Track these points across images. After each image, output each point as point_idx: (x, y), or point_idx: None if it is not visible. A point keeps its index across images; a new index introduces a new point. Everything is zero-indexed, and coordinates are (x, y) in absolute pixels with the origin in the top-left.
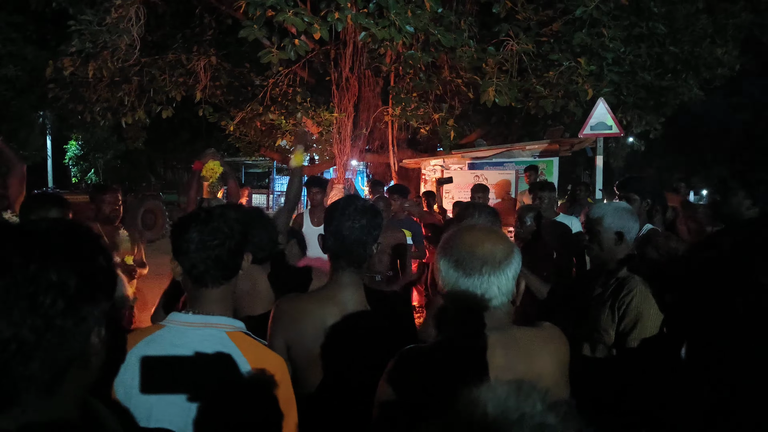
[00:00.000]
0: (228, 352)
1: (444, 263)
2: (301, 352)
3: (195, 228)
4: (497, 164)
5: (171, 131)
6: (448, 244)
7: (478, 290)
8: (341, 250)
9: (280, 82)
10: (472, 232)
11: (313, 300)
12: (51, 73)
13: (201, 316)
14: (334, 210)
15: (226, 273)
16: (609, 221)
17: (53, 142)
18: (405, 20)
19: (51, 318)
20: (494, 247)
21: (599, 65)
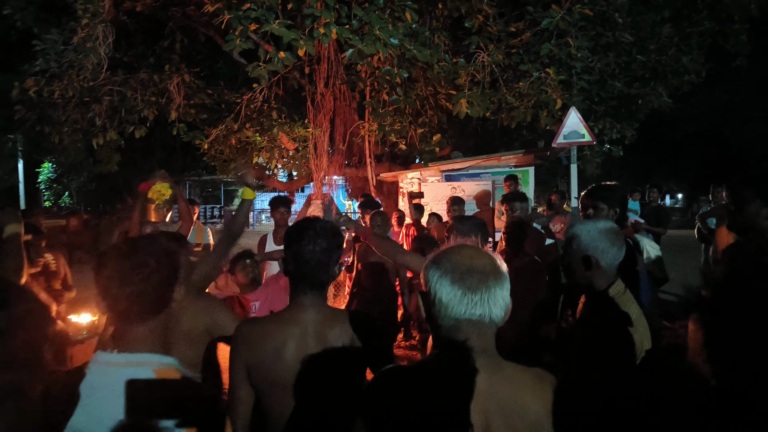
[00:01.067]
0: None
1: (439, 279)
2: (261, 374)
3: (116, 261)
4: (473, 175)
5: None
6: (442, 260)
7: (477, 308)
8: (303, 274)
9: (254, 99)
10: (465, 248)
11: (273, 322)
12: (17, 95)
13: (125, 354)
14: (293, 233)
15: (151, 309)
16: (579, 242)
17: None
18: (389, 34)
19: None
20: (492, 261)
21: (568, 74)
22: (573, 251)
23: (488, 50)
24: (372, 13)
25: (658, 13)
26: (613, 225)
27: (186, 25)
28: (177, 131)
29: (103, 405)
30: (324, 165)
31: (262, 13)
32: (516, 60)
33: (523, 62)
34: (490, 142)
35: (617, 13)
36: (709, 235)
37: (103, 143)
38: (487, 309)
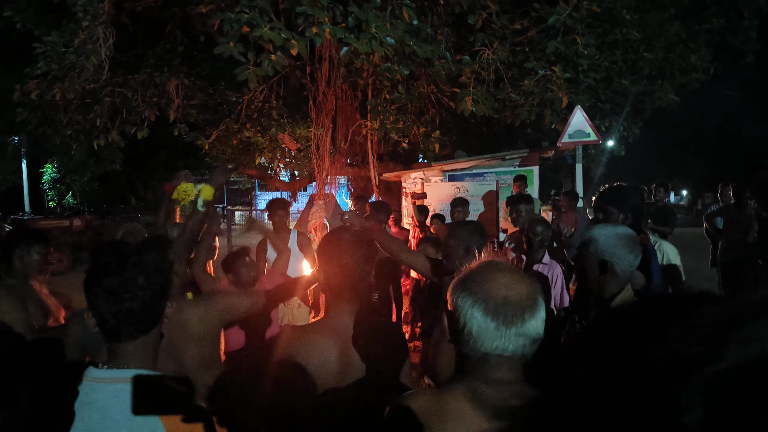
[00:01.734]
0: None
1: (471, 309)
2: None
3: (104, 279)
4: (477, 175)
5: (149, 151)
6: (474, 286)
7: (510, 344)
8: (347, 285)
9: (255, 99)
10: (500, 272)
11: (315, 330)
12: (18, 97)
13: (114, 370)
14: (334, 246)
15: (141, 327)
16: (596, 246)
17: (28, 166)
18: (386, 32)
19: None
20: (528, 290)
21: (575, 72)
22: (589, 255)
23: (493, 47)
24: (369, 11)
25: (666, 10)
26: (631, 232)
27: (186, 25)
28: (178, 132)
29: (93, 422)
30: (326, 165)
31: (254, 16)
32: (521, 58)
33: (528, 60)
34: (494, 141)
35: (625, 10)
36: (716, 235)
37: (104, 144)
38: (520, 345)
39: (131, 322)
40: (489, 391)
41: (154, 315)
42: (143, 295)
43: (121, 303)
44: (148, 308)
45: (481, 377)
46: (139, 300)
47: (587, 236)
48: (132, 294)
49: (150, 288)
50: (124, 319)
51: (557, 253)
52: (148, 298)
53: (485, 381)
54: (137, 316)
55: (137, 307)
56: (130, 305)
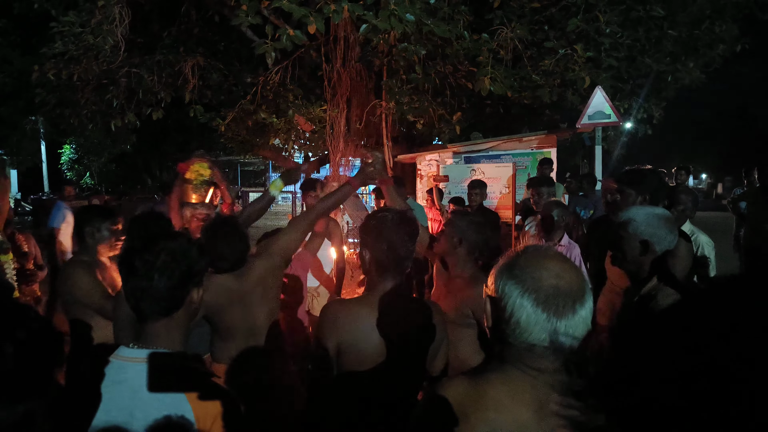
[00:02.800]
0: None
1: (520, 298)
2: (350, 355)
3: (128, 258)
4: (493, 157)
5: (164, 132)
6: (522, 274)
7: (560, 336)
8: (394, 264)
9: (270, 80)
10: (549, 259)
11: (363, 305)
12: (37, 78)
13: (143, 350)
14: (381, 224)
15: (163, 308)
16: (635, 227)
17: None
18: (404, 9)
19: None
20: (578, 279)
21: (596, 51)
22: (628, 235)
23: (511, 26)
24: None
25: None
26: (668, 212)
27: (201, 5)
28: (194, 113)
29: (123, 400)
30: (340, 146)
31: None
32: (541, 37)
33: (548, 39)
34: (511, 123)
35: None
36: (740, 220)
37: (120, 125)
38: (570, 337)
39: (150, 303)
40: (530, 381)
41: (173, 298)
42: (160, 277)
43: (139, 282)
44: (165, 291)
45: (523, 366)
46: (156, 282)
47: (624, 217)
48: (149, 275)
49: (169, 271)
50: (142, 299)
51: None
52: (165, 281)
53: (527, 371)
54: (155, 297)
55: (154, 288)
56: (147, 285)
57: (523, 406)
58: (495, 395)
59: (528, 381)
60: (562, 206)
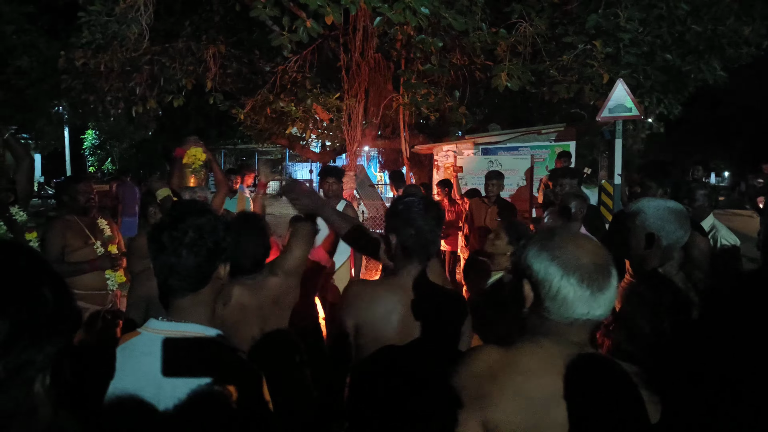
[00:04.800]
0: None
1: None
2: (369, 334)
3: (158, 234)
4: (511, 149)
5: (184, 119)
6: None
7: (600, 309)
8: (420, 248)
9: (289, 69)
10: (581, 238)
11: (385, 286)
12: (63, 64)
13: (172, 323)
14: (409, 209)
15: (190, 284)
16: (643, 218)
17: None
18: (420, 2)
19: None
20: (607, 255)
21: (615, 47)
22: (635, 227)
23: (531, 19)
24: None
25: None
26: (681, 206)
27: None
28: (213, 100)
29: (151, 371)
30: (358, 136)
31: None
32: (560, 32)
33: (567, 34)
34: (529, 115)
35: None
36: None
37: (142, 111)
38: (607, 308)
39: (178, 278)
40: (562, 352)
41: (200, 274)
42: (188, 253)
43: (167, 258)
44: (193, 267)
45: (559, 339)
46: (184, 258)
47: (634, 208)
48: (177, 252)
49: (196, 248)
50: (170, 274)
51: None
52: (193, 258)
53: (562, 342)
54: (183, 273)
55: (182, 264)
56: (175, 261)
57: (552, 374)
58: (526, 362)
59: (560, 352)
60: (581, 197)
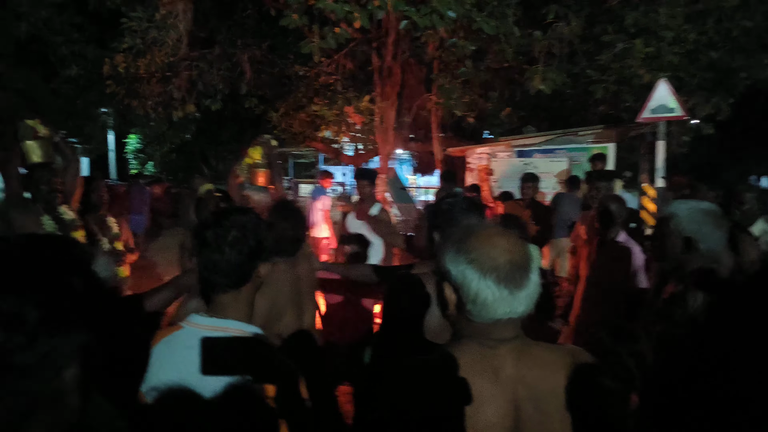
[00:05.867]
0: None
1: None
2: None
3: (202, 232)
4: (547, 151)
5: (221, 123)
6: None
7: (521, 306)
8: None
9: (322, 73)
10: (495, 236)
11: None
12: (108, 71)
13: (213, 319)
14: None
15: (233, 281)
16: (677, 222)
17: (115, 136)
18: (446, 6)
19: (7, 356)
20: (524, 249)
21: (657, 46)
22: (669, 231)
23: (567, 19)
24: None
25: None
26: (716, 207)
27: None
28: (249, 104)
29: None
30: (390, 139)
31: None
32: (598, 31)
33: (606, 32)
34: (567, 116)
35: None
36: None
37: (181, 116)
38: (528, 304)
39: (220, 275)
40: (485, 352)
41: (241, 272)
42: (231, 251)
43: (211, 255)
44: (235, 264)
45: (483, 340)
46: (227, 255)
47: (667, 212)
48: (220, 249)
49: (239, 245)
50: (213, 271)
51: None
52: (235, 255)
53: (486, 342)
54: (225, 270)
55: (225, 261)
56: (219, 258)
57: (477, 375)
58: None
59: (483, 352)
60: (620, 201)
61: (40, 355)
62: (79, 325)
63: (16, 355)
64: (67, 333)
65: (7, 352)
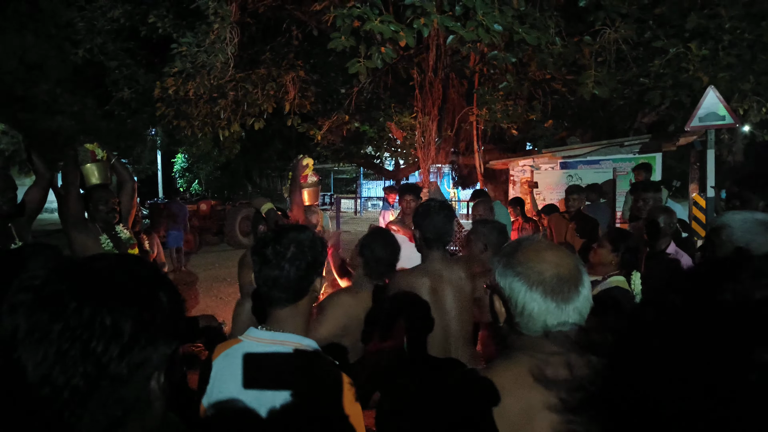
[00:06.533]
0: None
1: (528, 292)
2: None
3: (262, 248)
4: (592, 162)
5: (264, 141)
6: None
7: (570, 317)
8: (437, 238)
9: (365, 90)
10: (544, 250)
11: (414, 273)
12: (158, 93)
13: (272, 332)
14: (428, 212)
15: (288, 295)
16: (729, 233)
17: (163, 156)
18: (492, 19)
19: (104, 365)
20: (574, 262)
21: (713, 49)
22: (721, 242)
23: (615, 25)
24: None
25: None
26: (766, 216)
27: (300, 22)
28: (292, 122)
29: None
30: (432, 153)
31: (365, 10)
32: (648, 36)
33: (658, 38)
34: (612, 127)
35: None
36: None
37: (228, 135)
38: (578, 317)
39: (279, 290)
40: (537, 365)
41: (300, 287)
42: (290, 267)
43: (271, 271)
44: (294, 279)
45: (534, 353)
46: (286, 271)
47: (719, 222)
48: (280, 265)
49: (298, 261)
50: (273, 286)
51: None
52: (294, 271)
53: (536, 356)
54: (283, 285)
55: (284, 276)
56: (278, 274)
57: (528, 388)
58: (500, 380)
59: (533, 364)
60: (669, 212)
61: (134, 365)
62: (165, 337)
63: (112, 365)
64: (156, 344)
65: (105, 362)
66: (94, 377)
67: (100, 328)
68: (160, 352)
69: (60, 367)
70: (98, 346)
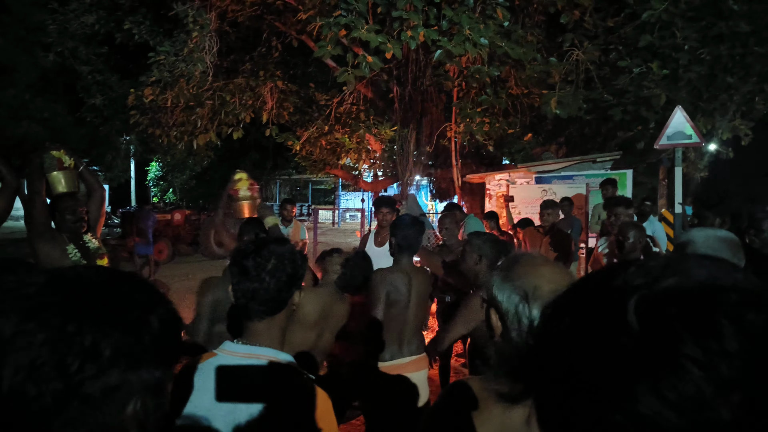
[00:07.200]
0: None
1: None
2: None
3: (241, 260)
4: (566, 178)
5: (242, 151)
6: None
7: None
8: (408, 247)
9: (344, 101)
10: (540, 265)
11: (393, 270)
12: (133, 101)
13: (247, 346)
14: (403, 225)
15: (267, 308)
16: (693, 248)
17: (136, 164)
18: (479, 33)
19: (77, 384)
20: (567, 276)
21: (673, 68)
22: None
23: (583, 47)
24: (462, 13)
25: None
26: (732, 235)
27: (281, 32)
28: (270, 133)
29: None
30: (410, 166)
31: (352, 19)
32: (614, 57)
33: (622, 58)
34: (584, 143)
35: (731, 1)
36: None
37: (203, 144)
38: None
39: (258, 303)
40: None
41: (279, 299)
42: (270, 279)
43: (250, 284)
44: (274, 292)
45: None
46: (266, 283)
47: (683, 238)
48: (260, 277)
49: (278, 274)
50: (252, 298)
51: None
52: (274, 283)
53: None
54: (263, 297)
55: (264, 289)
56: (257, 287)
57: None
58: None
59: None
60: (639, 227)
61: (108, 388)
62: (150, 363)
63: (85, 385)
64: (137, 369)
65: (78, 381)
66: (65, 395)
67: (79, 346)
68: (142, 377)
69: (32, 380)
70: (73, 364)
